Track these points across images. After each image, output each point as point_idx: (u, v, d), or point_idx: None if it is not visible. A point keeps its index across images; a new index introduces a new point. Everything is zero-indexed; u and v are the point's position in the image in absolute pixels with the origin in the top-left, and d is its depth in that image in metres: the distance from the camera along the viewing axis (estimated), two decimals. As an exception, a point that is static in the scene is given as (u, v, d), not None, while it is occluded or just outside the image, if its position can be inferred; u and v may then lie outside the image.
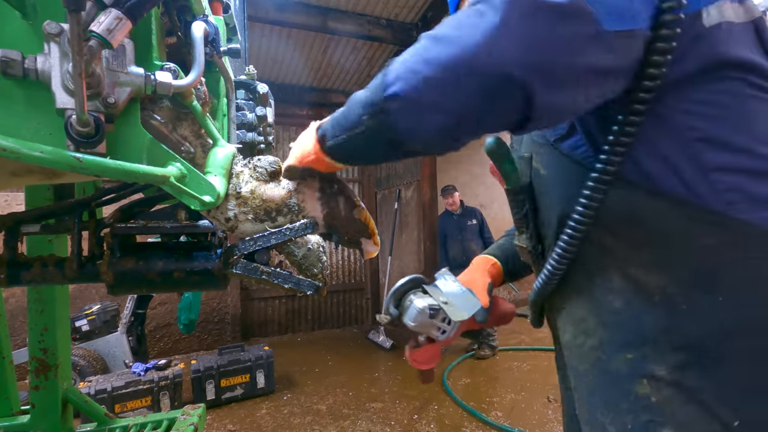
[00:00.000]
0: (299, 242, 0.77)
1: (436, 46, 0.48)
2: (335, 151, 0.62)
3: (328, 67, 5.24)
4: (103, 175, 0.49)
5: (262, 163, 0.72)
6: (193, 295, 3.00)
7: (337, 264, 6.08)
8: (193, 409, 1.60)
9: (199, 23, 0.68)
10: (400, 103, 0.50)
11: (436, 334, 0.82)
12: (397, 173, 5.84)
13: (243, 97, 1.07)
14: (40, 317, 1.36)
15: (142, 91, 0.56)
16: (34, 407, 1.38)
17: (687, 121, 0.53)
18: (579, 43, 0.45)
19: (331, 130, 0.61)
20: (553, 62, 0.45)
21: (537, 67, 0.44)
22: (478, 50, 0.45)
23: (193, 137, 0.71)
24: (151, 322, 4.54)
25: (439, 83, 0.47)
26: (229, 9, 0.96)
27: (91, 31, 0.46)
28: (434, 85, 0.47)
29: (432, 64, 0.47)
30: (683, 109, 0.53)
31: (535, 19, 0.44)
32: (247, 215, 0.68)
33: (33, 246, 1.24)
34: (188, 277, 0.74)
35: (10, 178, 0.69)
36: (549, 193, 0.67)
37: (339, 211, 0.71)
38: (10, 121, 0.51)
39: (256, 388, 3.39)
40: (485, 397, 3.31)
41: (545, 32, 0.44)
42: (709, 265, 0.51)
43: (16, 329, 3.84)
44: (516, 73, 0.44)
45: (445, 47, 0.47)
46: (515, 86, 0.45)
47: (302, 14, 4.06)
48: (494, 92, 0.46)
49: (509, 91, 0.45)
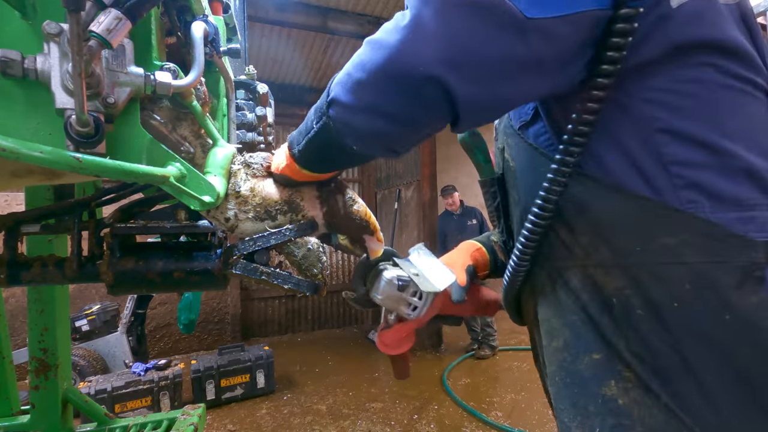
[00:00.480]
0: (299, 242, 0.77)
1: (368, 51, 0.49)
2: (299, 157, 0.62)
3: (328, 67, 5.24)
4: (102, 175, 0.49)
5: (256, 160, 0.72)
6: (193, 295, 3.00)
7: (337, 264, 6.08)
8: (193, 409, 1.60)
9: (199, 23, 0.68)
10: (337, 107, 0.51)
11: (406, 311, 0.74)
12: (397, 173, 5.83)
13: (243, 97, 1.07)
14: (40, 317, 1.36)
15: (141, 91, 0.56)
16: (34, 407, 1.38)
17: (649, 111, 0.49)
18: (493, 35, 0.43)
19: (296, 137, 0.62)
20: (467, 56, 0.44)
21: (451, 63, 0.44)
22: (396, 52, 0.45)
23: (192, 137, 0.71)
24: (151, 322, 4.54)
25: (367, 86, 0.48)
26: (229, 9, 0.96)
27: (90, 31, 0.46)
28: (364, 88, 0.48)
29: (362, 68, 0.48)
30: (645, 97, 0.49)
31: (446, 15, 0.43)
32: (247, 214, 0.68)
33: (33, 246, 1.24)
34: (188, 277, 0.74)
35: (10, 179, 0.69)
36: (516, 186, 0.65)
37: (338, 209, 0.71)
38: (9, 121, 0.51)
39: (256, 388, 3.39)
40: (485, 397, 3.31)
41: (457, 27, 0.43)
42: (668, 268, 0.48)
43: (16, 329, 3.84)
44: (432, 71, 0.44)
45: (373, 51, 0.48)
46: (433, 84, 0.45)
47: (302, 14, 4.06)
48: (416, 92, 0.46)
49: (429, 90, 0.45)
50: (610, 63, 0.46)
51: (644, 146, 0.49)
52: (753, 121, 0.50)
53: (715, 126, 0.48)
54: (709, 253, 0.46)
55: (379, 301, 0.74)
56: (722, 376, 0.45)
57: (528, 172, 0.62)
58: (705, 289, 0.46)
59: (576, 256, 0.55)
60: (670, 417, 0.47)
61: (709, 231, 0.47)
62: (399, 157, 0.57)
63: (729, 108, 0.48)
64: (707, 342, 0.46)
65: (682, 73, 0.48)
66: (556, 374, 0.60)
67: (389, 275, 0.73)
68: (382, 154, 0.55)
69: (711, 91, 0.48)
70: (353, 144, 0.53)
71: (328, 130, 0.53)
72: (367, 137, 0.52)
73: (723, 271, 0.46)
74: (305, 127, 0.59)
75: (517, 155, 0.64)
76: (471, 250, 0.85)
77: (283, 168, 0.67)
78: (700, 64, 0.48)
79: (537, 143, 0.59)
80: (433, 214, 4.97)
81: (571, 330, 0.56)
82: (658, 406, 0.48)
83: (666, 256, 0.48)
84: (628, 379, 0.50)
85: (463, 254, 0.84)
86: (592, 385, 0.53)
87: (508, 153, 0.67)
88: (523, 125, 0.62)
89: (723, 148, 0.47)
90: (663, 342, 0.48)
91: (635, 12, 0.44)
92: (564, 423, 0.58)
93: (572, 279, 0.56)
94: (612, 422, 0.51)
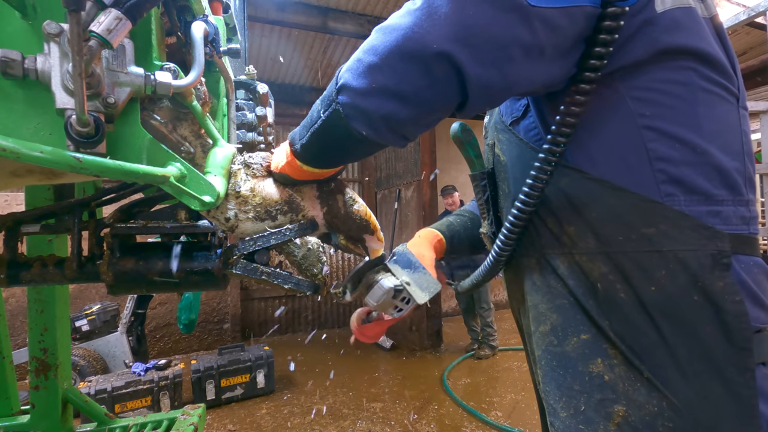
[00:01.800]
0: (299, 242, 0.77)
1: (380, 35, 0.51)
2: (303, 152, 0.63)
3: (328, 67, 5.24)
4: (103, 175, 0.49)
5: (255, 160, 0.71)
6: (193, 295, 3.00)
7: (337, 264, 6.08)
8: (193, 409, 1.60)
9: (199, 23, 0.68)
10: (347, 92, 0.52)
11: (392, 312, 0.79)
12: (397, 173, 5.83)
13: (243, 97, 1.06)
14: (40, 317, 1.36)
15: (141, 91, 0.56)
16: (34, 407, 1.38)
17: (637, 108, 0.53)
18: (501, 18, 0.46)
19: (299, 133, 0.63)
20: (478, 36, 0.47)
21: (464, 41, 0.46)
22: (410, 31, 0.47)
23: (192, 137, 0.71)
24: (151, 322, 4.53)
25: (380, 68, 0.50)
26: (229, 9, 0.96)
27: (90, 31, 0.46)
28: (376, 71, 0.50)
29: (375, 52, 0.50)
30: (633, 95, 0.53)
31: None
32: (247, 214, 0.68)
33: (33, 246, 1.24)
34: (188, 277, 0.74)
35: (10, 179, 0.69)
36: (507, 179, 0.69)
37: (338, 209, 0.71)
38: (9, 121, 0.51)
39: (256, 388, 3.39)
40: (485, 397, 3.31)
41: (469, 10, 0.46)
42: (647, 255, 0.53)
43: (16, 329, 3.84)
44: (445, 47, 0.46)
45: (385, 35, 0.50)
46: (446, 61, 0.47)
47: (302, 14, 4.06)
48: (428, 70, 0.48)
49: (441, 67, 0.48)
50: (598, 58, 0.50)
51: (631, 142, 0.54)
52: (725, 123, 0.55)
53: (694, 125, 0.53)
54: (682, 242, 0.52)
55: (372, 306, 0.78)
56: (692, 351, 0.51)
57: (518, 166, 0.65)
58: (678, 274, 0.52)
59: (564, 245, 0.59)
60: (651, 390, 0.52)
61: (683, 222, 0.52)
62: (405, 144, 0.58)
63: (707, 110, 0.53)
64: (680, 321, 0.51)
65: (667, 75, 0.52)
66: (543, 358, 0.64)
67: (387, 284, 0.76)
68: (391, 140, 0.56)
69: (692, 93, 0.53)
70: (363, 129, 0.53)
71: (337, 118, 0.54)
72: (378, 121, 0.52)
73: (694, 258, 0.51)
74: (309, 120, 0.60)
75: (507, 149, 0.68)
76: (433, 242, 0.90)
77: (283, 166, 0.67)
78: (683, 68, 0.52)
79: (527, 138, 0.63)
80: (433, 214, 4.97)
81: (560, 313, 0.60)
82: (641, 381, 0.53)
83: (645, 245, 0.53)
84: (614, 356, 0.55)
85: (429, 247, 0.88)
86: (579, 365, 0.57)
87: (499, 148, 0.70)
88: (514, 120, 0.66)
89: (701, 146, 0.52)
90: (643, 322, 0.53)
91: (621, 11, 0.48)
92: (550, 405, 0.62)
93: (560, 266, 0.60)
94: (598, 397, 0.55)
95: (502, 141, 0.69)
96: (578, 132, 0.54)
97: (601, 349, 0.56)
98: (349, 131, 0.54)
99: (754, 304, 0.51)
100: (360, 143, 0.56)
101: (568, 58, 0.51)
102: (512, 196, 0.66)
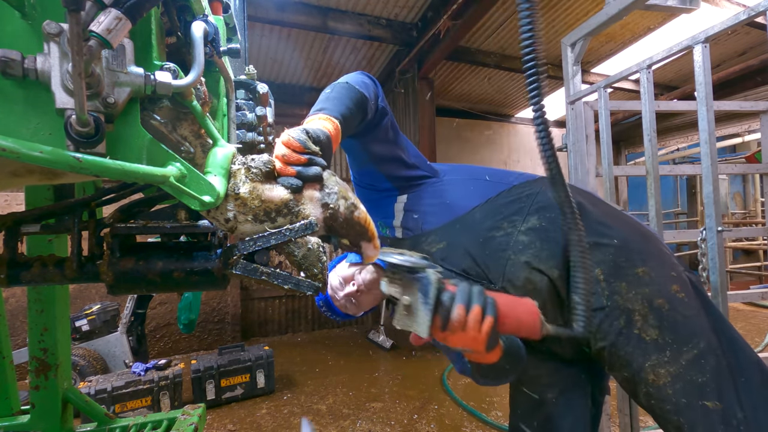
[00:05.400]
0: (299, 242, 0.77)
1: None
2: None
3: (328, 67, 5.23)
4: (103, 175, 0.49)
5: (256, 163, 0.71)
6: (193, 295, 3.00)
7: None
8: (193, 408, 1.59)
9: (199, 23, 0.68)
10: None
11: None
12: (397, 173, 5.82)
13: (243, 97, 1.06)
14: (40, 317, 1.36)
15: (141, 91, 0.56)
16: (34, 407, 1.38)
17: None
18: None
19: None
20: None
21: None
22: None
23: (192, 137, 0.70)
24: (151, 322, 4.53)
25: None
26: (229, 9, 0.95)
27: (90, 31, 0.46)
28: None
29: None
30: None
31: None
32: (246, 216, 0.68)
33: (33, 246, 1.24)
34: (188, 277, 0.74)
35: (10, 179, 0.69)
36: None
37: (339, 214, 0.71)
38: (9, 121, 0.51)
39: (256, 388, 3.39)
40: (485, 397, 3.31)
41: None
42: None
43: (16, 329, 3.84)
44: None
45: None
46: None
47: (302, 14, 4.06)
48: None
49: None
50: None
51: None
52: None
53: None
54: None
55: (389, 295, 0.85)
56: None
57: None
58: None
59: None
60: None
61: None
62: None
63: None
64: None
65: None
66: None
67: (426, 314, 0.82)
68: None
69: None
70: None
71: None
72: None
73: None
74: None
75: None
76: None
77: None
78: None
79: None
80: (433, 214, 4.95)
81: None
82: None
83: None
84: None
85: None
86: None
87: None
88: None
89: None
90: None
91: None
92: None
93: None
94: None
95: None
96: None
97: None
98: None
99: None
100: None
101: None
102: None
